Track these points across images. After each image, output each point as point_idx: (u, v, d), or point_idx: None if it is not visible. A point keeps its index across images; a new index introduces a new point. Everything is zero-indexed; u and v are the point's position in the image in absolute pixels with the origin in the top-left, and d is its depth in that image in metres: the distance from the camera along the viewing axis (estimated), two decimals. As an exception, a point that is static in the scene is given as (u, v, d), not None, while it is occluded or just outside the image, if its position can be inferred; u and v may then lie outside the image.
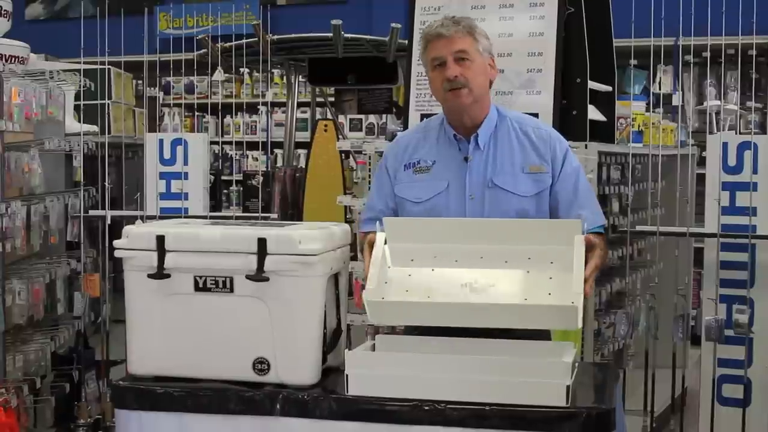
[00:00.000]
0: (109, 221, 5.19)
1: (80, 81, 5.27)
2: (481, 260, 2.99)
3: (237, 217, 5.08)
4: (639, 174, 5.49)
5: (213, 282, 2.93)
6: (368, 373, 2.81)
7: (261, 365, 2.91)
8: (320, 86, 7.94)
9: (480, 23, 3.32)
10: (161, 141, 5.26)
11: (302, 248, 2.87)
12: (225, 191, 8.56)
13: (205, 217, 5.05)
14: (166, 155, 5.24)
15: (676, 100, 6.80)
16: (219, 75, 6.57)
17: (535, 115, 3.88)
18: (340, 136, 7.07)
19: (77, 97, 5.61)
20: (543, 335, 3.36)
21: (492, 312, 2.88)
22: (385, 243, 3.03)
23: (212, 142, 8.22)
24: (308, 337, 2.92)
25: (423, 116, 4.67)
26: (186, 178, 5.20)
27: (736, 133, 4.91)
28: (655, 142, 5.07)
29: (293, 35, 6.78)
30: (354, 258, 3.37)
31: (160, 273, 2.94)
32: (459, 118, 3.26)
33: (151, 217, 5.04)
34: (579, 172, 3.31)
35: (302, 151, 8.87)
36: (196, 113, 10.28)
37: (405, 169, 3.32)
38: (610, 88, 4.97)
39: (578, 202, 3.26)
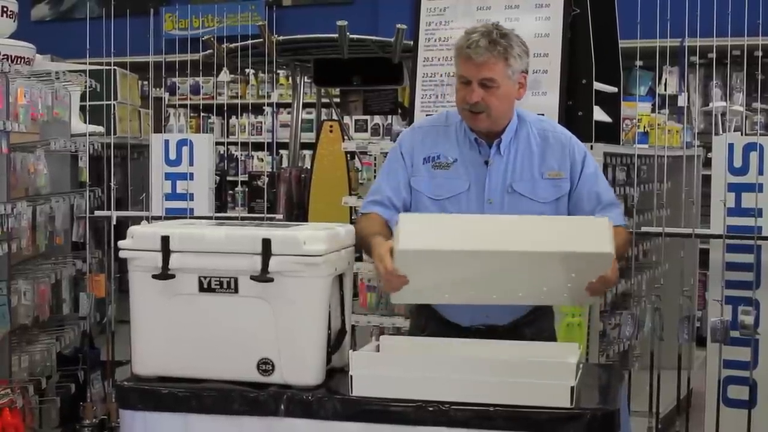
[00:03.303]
0: (114, 222, 5.20)
1: (86, 82, 5.28)
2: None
3: (242, 218, 5.08)
4: (644, 175, 5.48)
5: (217, 282, 2.93)
6: (372, 373, 2.81)
7: (265, 366, 2.91)
8: (325, 87, 7.94)
9: (485, 24, 3.31)
10: (167, 142, 5.26)
11: (307, 249, 2.87)
12: (230, 192, 8.57)
13: (210, 218, 5.05)
14: (172, 156, 5.24)
15: (681, 101, 6.80)
16: (224, 76, 6.58)
17: (541, 116, 3.88)
18: (346, 137, 7.06)
19: (83, 98, 5.63)
20: (548, 336, 3.37)
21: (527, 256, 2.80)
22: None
23: (218, 143, 8.24)
24: (312, 338, 2.92)
25: (428, 117, 4.67)
26: (191, 178, 5.20)
27: (741, 134, 4.88)
28: (661, 143, 5.07)
29: (298, 36, 6.78)
30: (359, 259, 3.36)
31: (165, 273, 2.94)
32: (485, 133, 3.26)
33: (157, 218, 5.04)
34: (598, 173, 3.33)
35: (307, 152, 8.86)
36: (202, 114, 10.27)
37: (424, 162, 3.29)
38: (615, 89, 4.96)
39: (602, 204, 3.27)
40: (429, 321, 3.36)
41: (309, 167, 7.19)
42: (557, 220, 3.06)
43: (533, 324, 3.34)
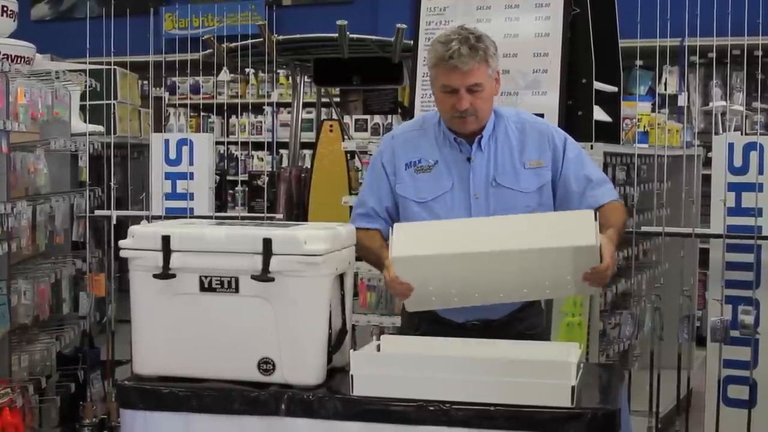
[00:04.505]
0: (114, 221, 5.20)
1: (86, 81, 5.27)
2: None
3: (242, 218, 5.08)
4: (644, 175, 5.48)
5: (218, 282, 2.93)
6: (373, 373, 2.81)
7: (266, 365, 2.91)
8: (325, 86, 7.93)
9: (485, 24, 3.33)
10: (167, 141, 5.26)
11: (307, 248, 2.87)
12: (230, 191, 8.58)
13: (210, 218, 5.05)
14: (172, 155, 5.24)
15: (681, 101, 6.79)
16: (224, 75, 6.58)
17: (541, 116, 3.88)
18: (346, 137, 7.07)
19: (83, 98, 5.62)
20: (541, 332, 3.40)
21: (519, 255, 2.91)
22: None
23: (218, 143, 8.25)
24: (313, 338, 2.92)
25: (428, 117, 4.67)
26: (191, 178, 5.20)
27: (741, 134, 4.88)
28: (661, 143, 5.07)
29: (298, 35, 6.78)
30: (360, 258, 3.36)
31: (166, 273, 2.94)
32: (462, 134, 3.29)
33: (157, 218, 5.04)
34: (582, 155, 3.37)
35: (307, 152, 8.86)
36: (202, 113, 10.28)
37: (406, 168, 3.33)
38: (615, 89, 4.96)
39: (591, 185, 3.31)
40: (422, 321, 3.38)
41: (309, 167, 7.19)
42: (543, 217, 3.15)
43: (526, 320, 3.38)
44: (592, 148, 4.47)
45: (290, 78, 8.40)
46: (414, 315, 3.41)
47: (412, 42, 5.01)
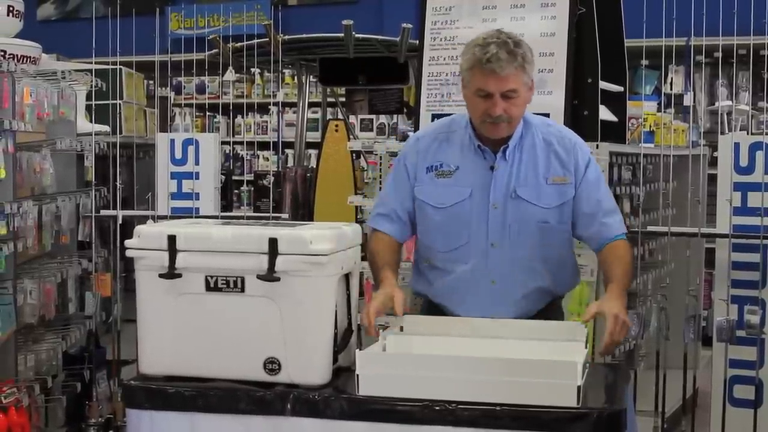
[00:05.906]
0: (120, 221, 5.20)
1: (92, 81, 5.27)
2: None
3: (248, 217, 5.09)
4: (650, 174, 5.47)
5: (224, 282, 2.93)
6: (379, 373, 2.81)
7: (272, 365, 2.91)
8: (331, 86, 7.95)
9: (491, 24, 3.31)
10: (172, 141, 5.27)
11: (313, 248, 2.87)
12: (236, 191, 8.58)
13: (216, 217, 5.05)
14: (178, 155, 5.24)
15: (687, 101, 6.79)
16: (230, 75, 6.58)
17: (546, 116, 3.87)
18: (351, 137, 7.08)
19: (89, 97, 5.62)
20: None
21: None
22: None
23: (223, 142, 8.23)
24: (319, 337, 2.92)
25: (434, 116, 4.66)
26: (197, 178, 5.20)
27: (747, 134, 4.89)
28: (667, 143, 5.06)
29: (304, 35, 6.79)
30: (365, 258, 3.37)
31: (172, 273, 2.94)
32: (491, 139, 3.25)
33: (163, 217, 5.04)
34: (600, 179, 3.33)
35: (313, 152, 8.87)
36: (207, 113, 10.29)
37: (427, 172, 3.31)
38: (621, 89, 4.96)
39: (602, 212, 3.28)
40: None
41: (314, 166, 7.20)
42: (540, 325, 3.19)
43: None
44: (597, 147, 4.47)
45: (296, 78, 8.41)
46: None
47: (417, 42, 5.00)
